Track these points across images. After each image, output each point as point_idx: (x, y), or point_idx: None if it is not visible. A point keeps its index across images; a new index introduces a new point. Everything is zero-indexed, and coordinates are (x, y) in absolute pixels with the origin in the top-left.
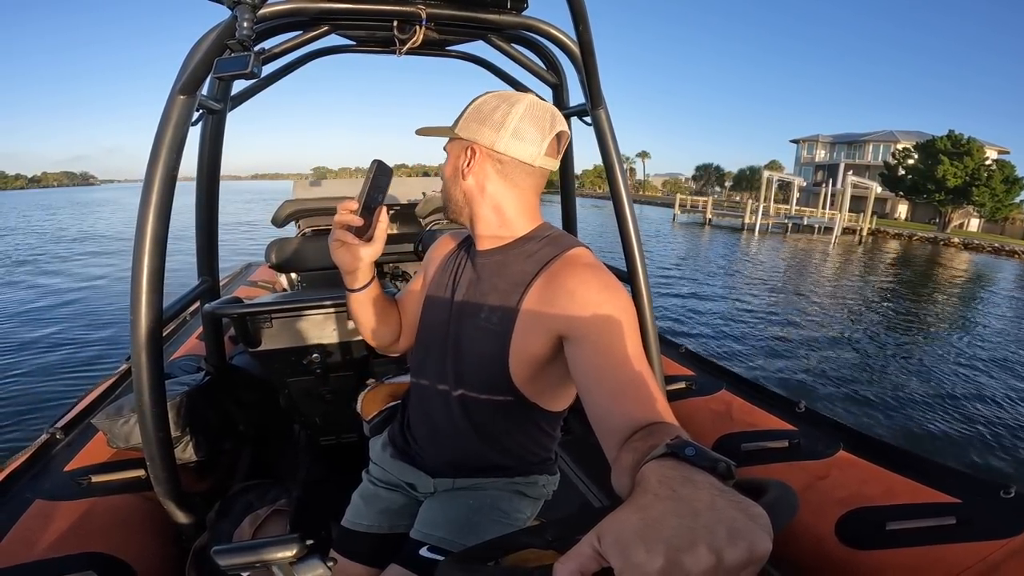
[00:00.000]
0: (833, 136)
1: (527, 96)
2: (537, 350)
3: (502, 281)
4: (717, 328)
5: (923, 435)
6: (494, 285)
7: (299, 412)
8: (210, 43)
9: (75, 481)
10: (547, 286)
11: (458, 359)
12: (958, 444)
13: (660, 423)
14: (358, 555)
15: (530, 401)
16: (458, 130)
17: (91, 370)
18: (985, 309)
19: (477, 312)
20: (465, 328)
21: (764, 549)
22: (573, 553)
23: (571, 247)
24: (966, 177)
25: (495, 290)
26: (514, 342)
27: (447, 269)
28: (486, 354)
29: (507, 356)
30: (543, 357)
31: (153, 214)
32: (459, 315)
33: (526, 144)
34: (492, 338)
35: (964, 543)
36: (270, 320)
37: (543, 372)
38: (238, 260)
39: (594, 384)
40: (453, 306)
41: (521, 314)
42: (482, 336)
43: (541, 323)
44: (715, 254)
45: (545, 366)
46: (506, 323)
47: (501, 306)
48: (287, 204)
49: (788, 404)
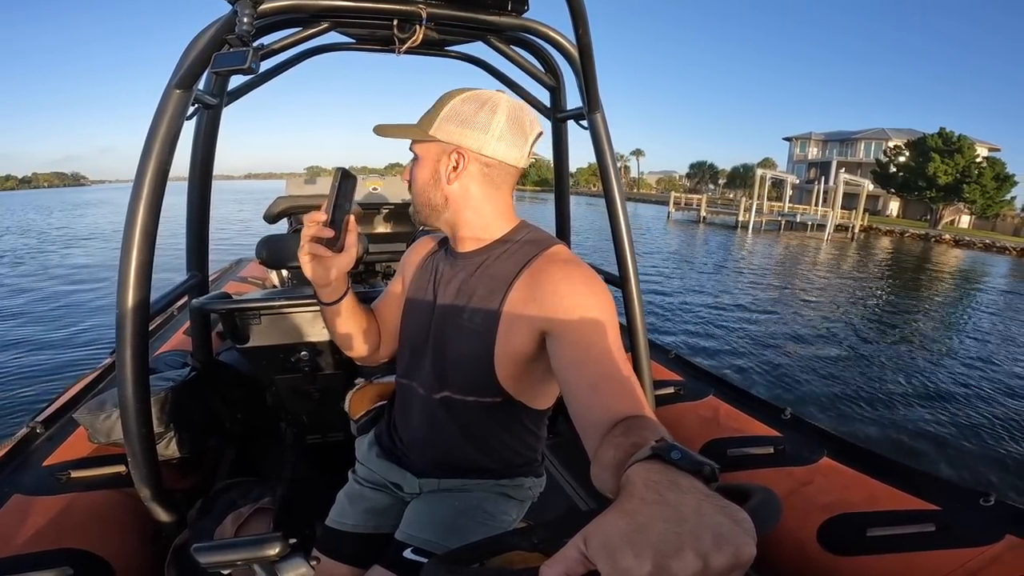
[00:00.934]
0: (825, 134)
1: (502, 96)
2: (521, 348)
3: (484, 281)
4: (709, 325)
5: (906, 442)
6: (476, 286)
7: (286, 410)
8: (209, 37)
9: (54, 476)
10: (529, 284)
11: (442, 360)
12: (940, 452)
13: (639, 416)
14: (342, 555)
15: (515, 400)
16: (435, 132)
17: (74, 364)
18: (974, 307)
19: (460, 313)
20: (448, 329)
21: (749, 554)
22: (560, 556)
23: (550, 245)
24: (957, 174)
25: (478, 291)
26: (499, 341)
27: (426, 271)
28: (471, 354)
29: (492, 355)
30: (527, 355)
31: (143, 207)
32: (442, 317)
33: (512, 147)
34: (476, 338)
35: (944, 550)
36: (259, 316)
37: (527, 370)
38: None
39: (574, 377)
40: (436, 308)
41: (505, 313)
42: (466, 337)
43: (525, 321)
44: (710, 251)
45: (529, 364)
46: (490, 323)
47: (484, 306)
48: (279, 200)
49: (774, 411)
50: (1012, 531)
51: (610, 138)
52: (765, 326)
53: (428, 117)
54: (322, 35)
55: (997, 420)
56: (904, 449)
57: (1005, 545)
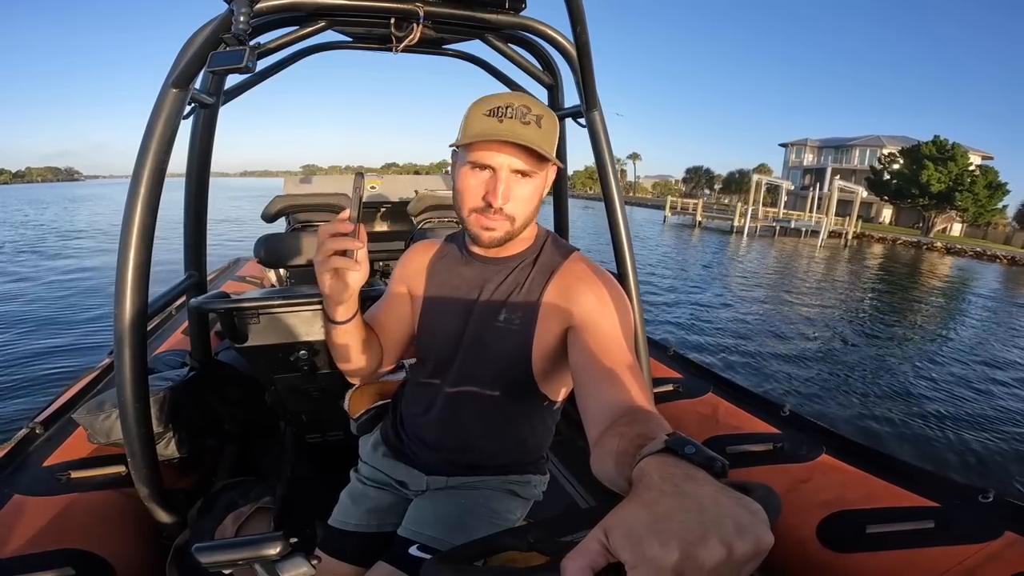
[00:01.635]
0: (821, 140)
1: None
2: (554, 344)
3: (522, 284)
4: (705, 327)
5: (904, 439)
6: (513, 288)
7: (285, 409)
8: (205, 36)
9: (54, 477)
10: (560, 286)
11: (478, 359)
12: (938, 448)
13: (643, 409)
14: (345, 554)
15: (541, 392)
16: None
17: (73, 364)
18: (965, 313)
19: (498, 314)
20: (487, 330)
21: (768, 542)
22: (581, 549)
23: (572, 251)
24: (950, 182)
25: (516, 293)
26: (536, 338)
27: (446, 276)
28: (511, 352)
29: (531, 352)
30: (558, 350)
31: (141, 207)
32: (480, 318)
33: None
34: (516, 336)
35: (943, 547)
36: (257, 316)
37: (555, 364)
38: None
39: (591, 366)
40: (475, 309)
41: (542, 313)
42: (504, 336)
43: (557, 319)
44: (705, 256)
45: (558, 358)
46: (529, 321)
47: (523, 307)
48: (277, 200)
49: (773, 408)
50: (1011, 528)
51: (608, 136)
52: (760, 326)
53: (549, 139)
54: (319, 34)
55: (997, 418)
56: (903, 446)
57: (1004, 542)
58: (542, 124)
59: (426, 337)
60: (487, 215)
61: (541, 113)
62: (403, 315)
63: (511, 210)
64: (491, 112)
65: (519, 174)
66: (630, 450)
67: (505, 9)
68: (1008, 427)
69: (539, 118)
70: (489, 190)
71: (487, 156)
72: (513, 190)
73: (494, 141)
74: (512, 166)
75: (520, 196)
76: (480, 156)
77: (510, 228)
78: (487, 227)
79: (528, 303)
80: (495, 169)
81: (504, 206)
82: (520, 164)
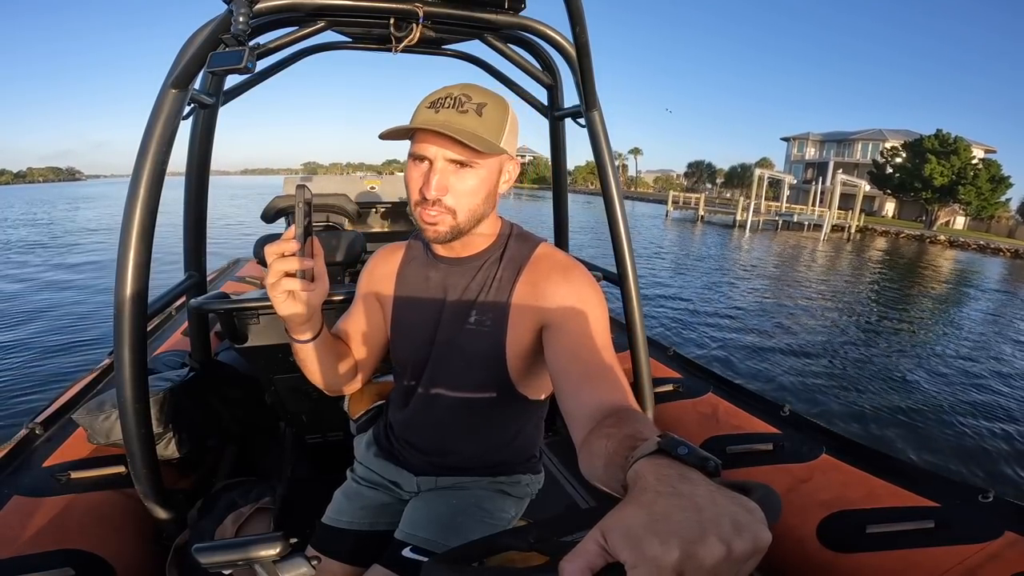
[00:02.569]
0: (823, 134)
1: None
2: (527, 343)
3: (489, 283)
4: (706, 321)
5: (904, 439)
6: (481, 287)
7: (285, 409)
8: (204, 37)
9: (54, 477)
10: (529, 282)
11: (451, 362)
12: (938, 448)
13: (628, 408)
14: (339, 553)
15: (519, 392)
16: (504, 144)
17: (73, 365)
18: (968, 307)
19: (468, 315)
20: (459, 332)
21: (766, 540)
22: (579, 551)
23: (538, 243)
24: (953, 176)
25: (483, 292)
26: (509, 338)
27: (414, 280)
28: (484, 353)
29: (504, 352)
30: (532, 349)
31: (140, 207)
32: (451, 321)
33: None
34: (488, 337)
35: (943, 547)
36: (257, 316)
37: (531, 363)
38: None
39: (567, 366)
40: (443, 312)
41: (512, 311)
42: (476, 339)
43: (529, 317)
44: (708, 250)
45: (533, 357)
46: (500, 321)
47: (493, 308)
48: (277, 200)
49: (773, 407)
50: (1011, 528)
51: (608, 136)
52: (762, 322)
53: (492, 128)
54: (318, 34)
55: (997, 417)
56: (903, 446)
57: (1004, 542)
58: (483, 113)
59: (399, 342)
60: (425, 208)
61: (484, 101)
62: (374, 323)
63: (451, 203)
64: (432, 104)
65: (456, 164)
66: (621, 452)
67: (504, 9)
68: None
69: (480, 106)
70: (425, 182)
71: (423, 147)
72: (452, 182)
73: (428, 132)
74: (446, 156)
75: (461, 188)
76: (416, 147)
77: (453, 222)
78: (429, 221)
79: (498, 303)
80: (431, 160)
81: (442, 198)
82: (454, 155)
